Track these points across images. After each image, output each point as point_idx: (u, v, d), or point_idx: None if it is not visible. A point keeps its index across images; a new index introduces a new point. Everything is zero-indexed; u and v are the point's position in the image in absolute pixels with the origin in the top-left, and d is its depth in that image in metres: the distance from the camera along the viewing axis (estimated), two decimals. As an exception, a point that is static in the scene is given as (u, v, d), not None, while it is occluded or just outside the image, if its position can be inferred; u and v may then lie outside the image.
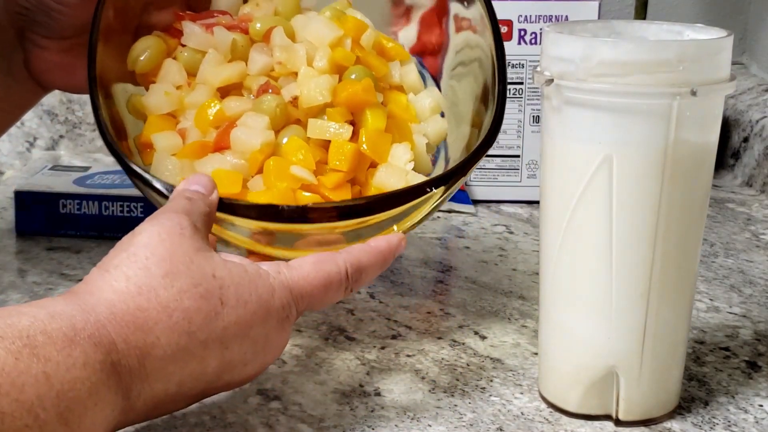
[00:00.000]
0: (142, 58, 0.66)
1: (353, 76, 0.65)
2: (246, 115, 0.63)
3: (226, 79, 0.65)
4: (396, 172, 0.63)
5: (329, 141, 0.63)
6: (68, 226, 0.86)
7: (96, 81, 0.62)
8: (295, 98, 0.64)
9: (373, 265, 0.56)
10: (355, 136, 0.63)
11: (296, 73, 0.65)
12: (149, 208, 0.85)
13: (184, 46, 0.67)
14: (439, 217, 0.94)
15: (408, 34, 1.10)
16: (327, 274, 0.54)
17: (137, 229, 0.53)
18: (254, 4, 0.69)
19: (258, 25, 0.67)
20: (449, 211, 0.96)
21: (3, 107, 0.74)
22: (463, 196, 0.96)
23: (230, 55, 0.66)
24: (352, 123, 0.64)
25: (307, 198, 0.61)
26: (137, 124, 0.66)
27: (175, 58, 0.67)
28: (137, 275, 0.50)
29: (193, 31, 0.67)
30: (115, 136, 0.61)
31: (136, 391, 0.48)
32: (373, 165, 0.64)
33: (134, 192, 0.86)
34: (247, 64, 0.66)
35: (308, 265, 0.54)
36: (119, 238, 0.89)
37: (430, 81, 1.01)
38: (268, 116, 0.63)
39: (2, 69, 0.72)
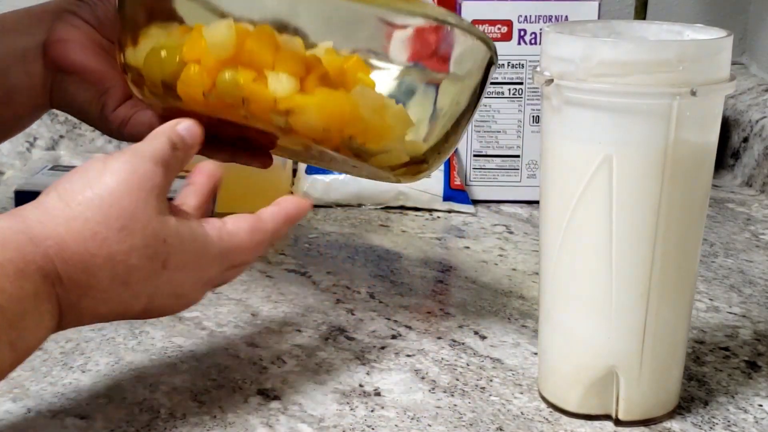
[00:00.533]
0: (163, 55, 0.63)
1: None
2: None
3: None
4: None
5: None
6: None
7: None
8: None
9: (286, 227, 0.60)
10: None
11: None
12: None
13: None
14: (439, 217, 0.94)
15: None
16: (259, 241, 0.58)
17: (111, 163, 0.53)
18: None
19: None
20: (449, 211, 0.96)
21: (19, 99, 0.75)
22: (462, 197, 0.96)
23: None
24: None
25: None
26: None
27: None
28: (96, 221, 0.52)
29: None
30: None
31: (67, 319, 0.53)
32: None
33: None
34: None
35: (244, 233, 0.57)
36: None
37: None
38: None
39: (19, 47, 0.72)
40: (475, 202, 0.98)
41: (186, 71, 0.59)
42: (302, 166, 0.97)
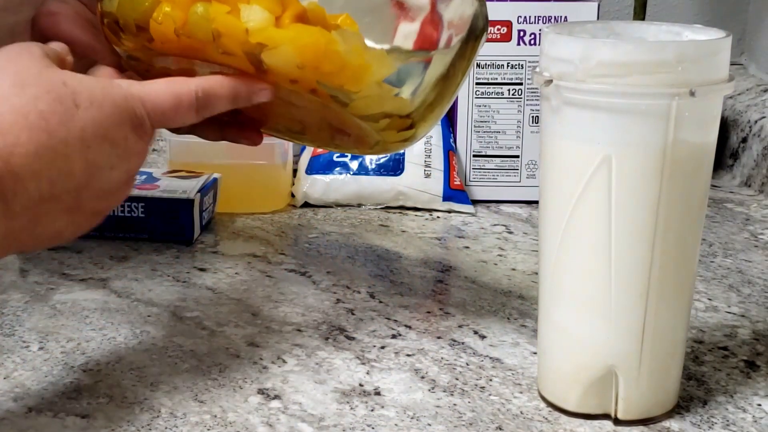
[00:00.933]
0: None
1: None
2: None
3: None
4: None
5: None
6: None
7: None
8: None
9: (224, 95, 0.58)
10: None
11: None
12: (149, 207, 0.86)
13: None
14: (438, 217, 0.95)
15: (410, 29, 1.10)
16: (177, 92, 0.56)
17: None
18: None
19: None
20: (449, 212, 0.96)
21: None
22: (462, 197, 0.96)
23: None
24: None
25: None
26: None
27: None
28: None
29: None
30: None
31: (10, 191, 0.50)
32: None
33: (134, 192, 0.86)
34: None
35: (161, 82, 0.56)
36: (120, 238, 0.89)
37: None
38: None
39: (7, 25, 0.73)
40: (475, 202, 0.98)
41: (158, 8, 0.58)
42: (302, 166, 0.97)
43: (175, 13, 0.58)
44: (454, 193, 0.96)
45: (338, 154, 0.96)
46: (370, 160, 0.96)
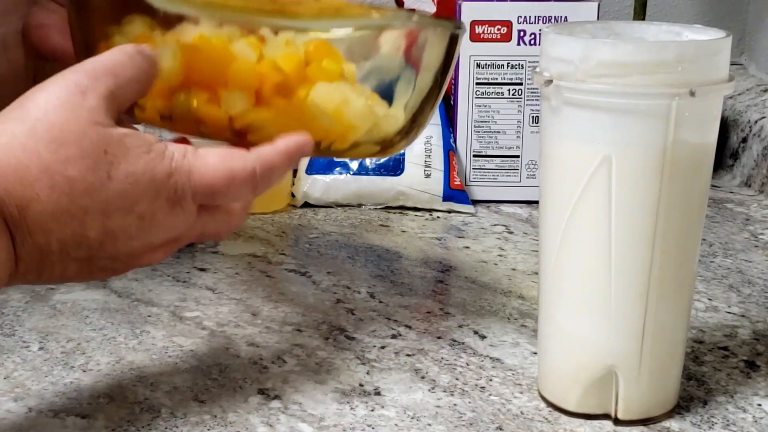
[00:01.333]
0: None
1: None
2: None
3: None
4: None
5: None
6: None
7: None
8: None
9: (282, 164, 0.55)
10: None
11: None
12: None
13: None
14: (438, 217, 0.95)
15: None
16: (231, 168, 0.53)
17: (46, 82, 0.52)
18: None
19: None
20: (449, 211, 0.96)
21: None
22: (462, 197, 0.96)
23: None
24: None
25: None
26: None
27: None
28: (24, 134, 0.50)
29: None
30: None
31: (19, 238, 0.49)
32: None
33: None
34: None
35: (215, 156, 0.53)
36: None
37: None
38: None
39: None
40: (475, 202, 0.98)
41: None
42: (302, 166, 0.97)
43: (157, 104, 0.58)
44: (454, 193, 0.96)
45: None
46: (370, 160, 0.96)
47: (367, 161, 0.96)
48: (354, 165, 0.96)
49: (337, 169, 0.96)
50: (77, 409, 0.59)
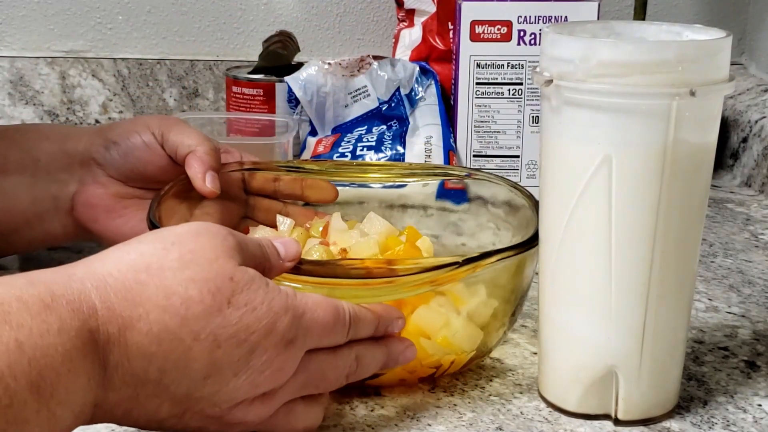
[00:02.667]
0: None
1: (398, 249, 0.67)
2: None
3: None
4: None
5: None
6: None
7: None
8: (344, 249, 0.66)
9: (370, 320, 0.55)
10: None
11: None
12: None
13: None
14: (432, 214, 0.94)
15: (412, 34, 1.10)
16: (336, 309, 0.52)
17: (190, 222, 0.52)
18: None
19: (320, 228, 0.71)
20: (448, 210, 0.95)
21: (35, 227, 0.76)
22: (462, 196, 0.96)
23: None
24: None
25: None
26: None
27: None
28: (153, 253, 0.48)
29: (261, 228, 0.71)
30: None
31: (113, 361, 0.45)
32: None
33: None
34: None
35: (321, 297, 0.53)
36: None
37: (432, 89, 1.02)
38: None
39: (51, 195, 0.75)
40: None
41: None
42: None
43: None
44: (454, 192, 0.96)
45: (339, 154, 0.96)
46: (371, 158, 0.96)
47: (368, 160, 0.96)
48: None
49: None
50: (77, 409, 0.59)
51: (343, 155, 0.96)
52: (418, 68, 1.02)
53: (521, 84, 0.97)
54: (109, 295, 0.46)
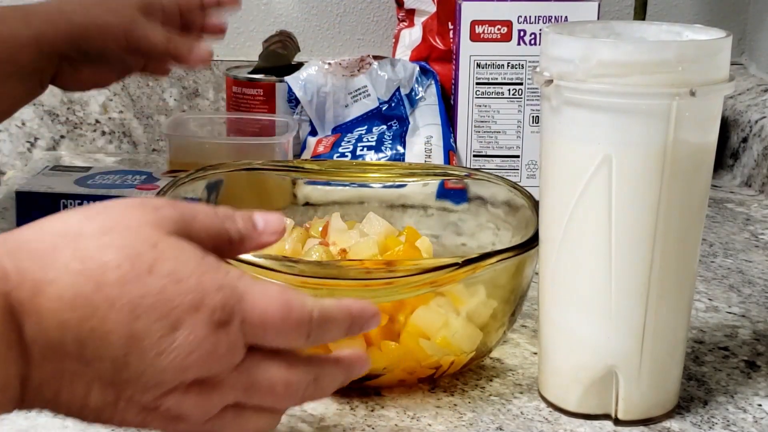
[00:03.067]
0: None
1: (397, 249, 0.66)
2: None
3: (278, 249, 0.66)
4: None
5: None
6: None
7: None
8: (344, 250, 0.66)
9: (341, 321, 0.48)
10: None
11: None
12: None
13: None
14: (432, 214, 0.94)
15: (412, 34, 1.10)
16: (289, 302, 0.46)
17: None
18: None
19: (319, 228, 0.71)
20: (448, 210, 0.95)
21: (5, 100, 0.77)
22: (462, 195, 0.96)
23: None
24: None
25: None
26: None
27: None
28: (76, 222, 0.45)
29: None
30: None
31: (29, 330, 0.42)
32: None
33: (134, 192, 0.86)
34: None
35: (274, 286, 0.47)
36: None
37: (432, 89, 1.02)
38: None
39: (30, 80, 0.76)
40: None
41: None
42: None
43: None
44: (455, 192, 0.96)
45: (339, 154, 0.96)
46: (371, 159, 0.96)
47: (368, 159, 0.96)
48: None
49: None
50: (77, 409, 0.59)
51: (343, 155, 0.96)
52: (418, 68, 1.02)
53: (521, 84, 0.97)
54: (22, 260, 0.43)
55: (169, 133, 0.96)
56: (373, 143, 0.96)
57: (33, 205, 0.86)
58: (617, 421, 0.58)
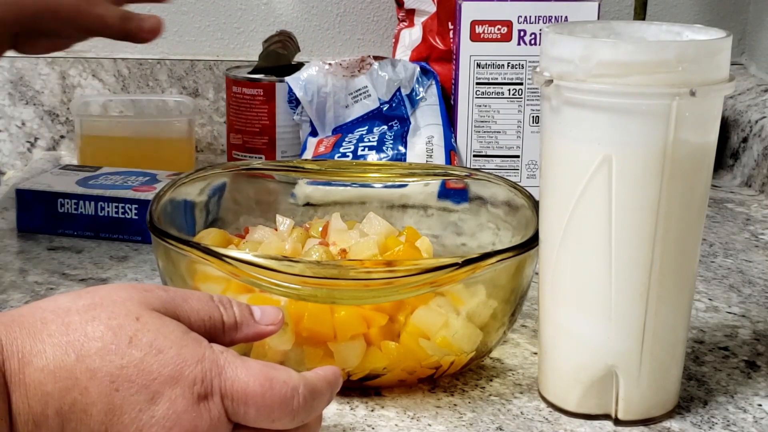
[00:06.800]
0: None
1: (397, 249, 0.66)
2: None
3: (279, 249, 0.66)
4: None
5: None
6: (66, 225, 0.86)
7: None
8: (343, 250, 0.66)
9: (325, 391, 0.49)
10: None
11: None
12: (143, 210, 0.85)
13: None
14: (432, 214, 0.94)
15: (412, 34, 1.10)
16: (271, 377, 0.46)
17: None
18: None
19: (320, 228, 0.71)
20: (448, 210, 0.95)
21: None
22: (463, 195, 0.96)
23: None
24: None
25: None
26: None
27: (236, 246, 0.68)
28: (66, 299, 0.46)
29: (261, 228, 0.69)
30: None
31: (15, 401, 0.43)
32: None
33: (129, 194, 0.86)
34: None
35: (258, 364, 0.47)
36: (114, 239, 0.89)
37: (433, 89, 1.02)
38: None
39: None
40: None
41: (254, 352, 0.59)
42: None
43: (273, 360, 0.58)
44: (456, 192, 0.96)
45: (340, 155, 0.96)
46: (372, 159, 0.96)
47: (369, 159, 0.96)
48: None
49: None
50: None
51: (344, 155, 0.96)
52: (418, 68, 1.02)
53: (521, 84, 0.97)
54: (15, 332, 0.44)
55: (78, 114, 1.05)
56: (375, 143, 0.96)
57: (32, 203, 0.87)
58: (617, 421, 0.58)
